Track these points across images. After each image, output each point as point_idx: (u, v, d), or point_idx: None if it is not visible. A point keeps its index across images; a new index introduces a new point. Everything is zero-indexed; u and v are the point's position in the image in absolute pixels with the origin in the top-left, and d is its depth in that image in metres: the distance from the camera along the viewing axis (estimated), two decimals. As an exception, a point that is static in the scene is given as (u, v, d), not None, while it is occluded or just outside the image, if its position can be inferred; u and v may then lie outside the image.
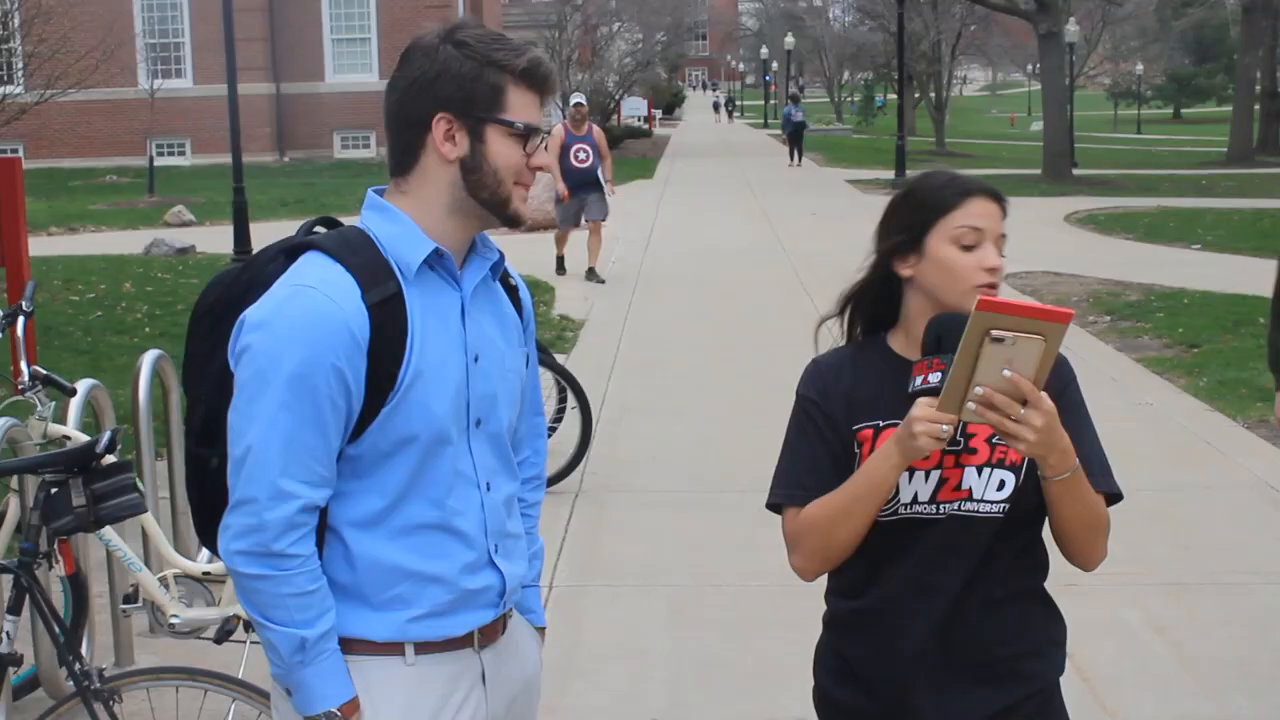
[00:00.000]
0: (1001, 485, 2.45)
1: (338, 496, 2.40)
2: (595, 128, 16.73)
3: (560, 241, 16.92)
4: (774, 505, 2.61)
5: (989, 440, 2.46)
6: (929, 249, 2.49)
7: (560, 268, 16.84)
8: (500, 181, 2.41)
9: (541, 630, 2.79)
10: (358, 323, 2.31)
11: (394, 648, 2.44)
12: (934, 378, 2.33)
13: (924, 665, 2.53)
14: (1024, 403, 2.24)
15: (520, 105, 2.41)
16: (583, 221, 16.77)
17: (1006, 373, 2.19)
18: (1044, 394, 2.26)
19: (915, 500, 2.47)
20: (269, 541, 2.31)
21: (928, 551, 2.49)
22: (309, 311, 2.30)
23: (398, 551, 2.41)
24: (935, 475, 2.47)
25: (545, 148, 2.52)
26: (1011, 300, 2.19)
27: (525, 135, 2.41)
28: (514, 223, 2.46)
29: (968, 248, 2.47)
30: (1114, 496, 2.53)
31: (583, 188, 16.29)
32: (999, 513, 2.46)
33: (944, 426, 2.28)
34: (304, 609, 2.34)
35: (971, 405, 2.22)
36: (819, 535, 2.52)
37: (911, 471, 2.46)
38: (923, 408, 2.31)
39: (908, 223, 2.53)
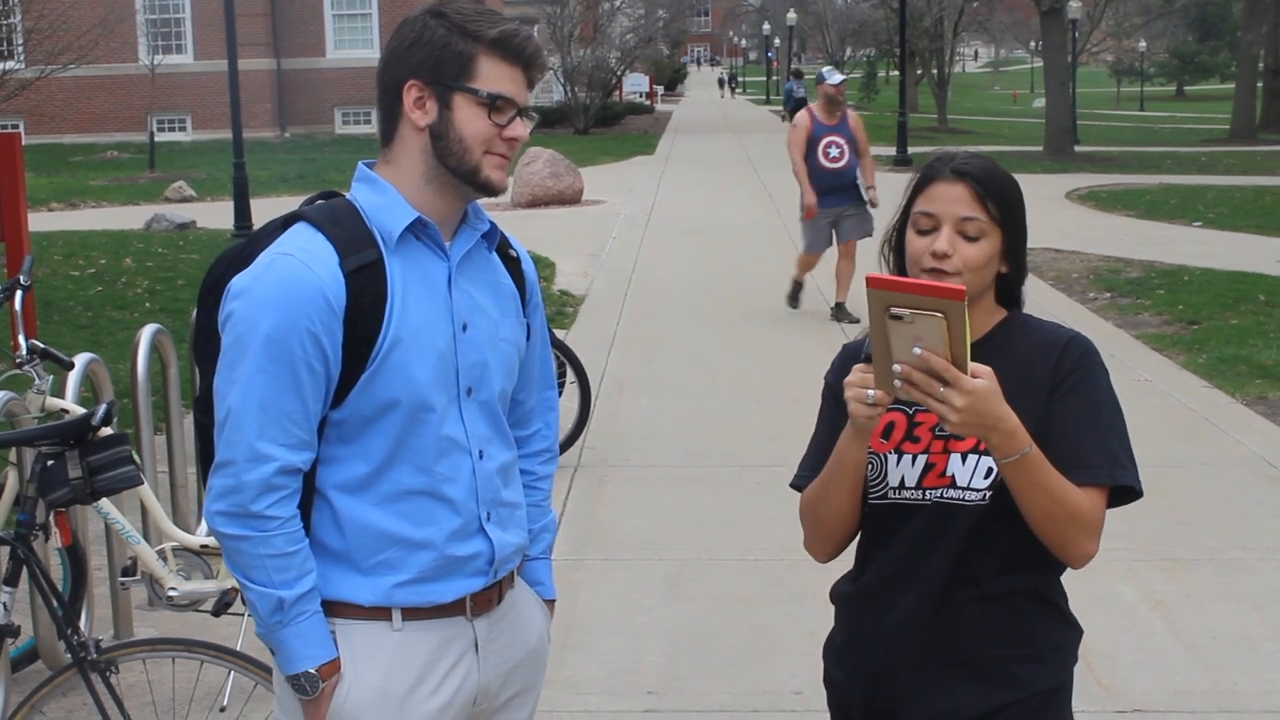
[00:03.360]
0: (989, 473, 2.42)
1: (325, 461, 2.44)
2: (852, 114, 12.28)
3: (804, 265, 12.25)
4: (793, 487, 2.66)
5: None
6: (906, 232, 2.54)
7: (794, 298, 12.24)
8: (467, 150, 2.43)
9: (551, 603, 2.82)
10: (333, 289, 2.35)
11: (381, 612, 2.47)
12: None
13: (901, 655, 2.51)
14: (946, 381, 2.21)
15: (491, 75, 2.42)
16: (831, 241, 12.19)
17: (917, 350, 2.18)
18: (975, 372, 2.20)
19: (903, 485, 2.48)
20: (247, 503, 2.36)
21: (911, 539, 2.48)
22: (284, 278, 2.35)
23: (385, 517, 2.45)
24: (922, 460, 2.47)
25: (527, 126, 2.48)
26: (900, 278, 2.22)
27: (492, 105, 2.42)
28: (488, 191, 2.47)
29: (923, 232, 2.48)
30: (1124, 491, 2.43)
31: (836, 195, 11.91)
32: (982, 500, 2.43)
33: (870, 392, 2.28)
34: (282, 570, 2.38)
35: (897, 382, 2.23)
36: (810, 513, 2.57)
37: (900, 455, 2.48)
38: (855, 373, 2.33)
39: (903, 202, 2.57)
